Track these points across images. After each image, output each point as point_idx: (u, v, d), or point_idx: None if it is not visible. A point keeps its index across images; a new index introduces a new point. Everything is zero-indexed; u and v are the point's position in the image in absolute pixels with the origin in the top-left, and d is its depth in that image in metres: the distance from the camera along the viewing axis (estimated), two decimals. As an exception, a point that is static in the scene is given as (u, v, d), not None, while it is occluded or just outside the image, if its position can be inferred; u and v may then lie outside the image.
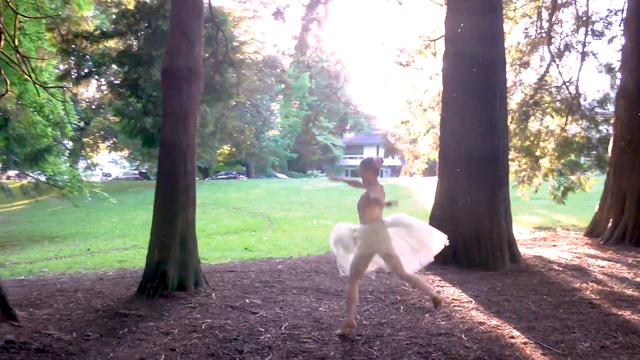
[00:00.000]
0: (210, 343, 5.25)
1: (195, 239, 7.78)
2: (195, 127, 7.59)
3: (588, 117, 16.12)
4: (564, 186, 16.80)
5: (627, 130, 12.61)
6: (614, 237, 12.24)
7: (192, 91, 7.50)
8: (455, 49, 9.99)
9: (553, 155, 16.48)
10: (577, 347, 5.10)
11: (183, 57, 7.54)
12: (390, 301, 7.04)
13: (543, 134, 15.93)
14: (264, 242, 14.62)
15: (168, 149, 7.46)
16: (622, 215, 12.39)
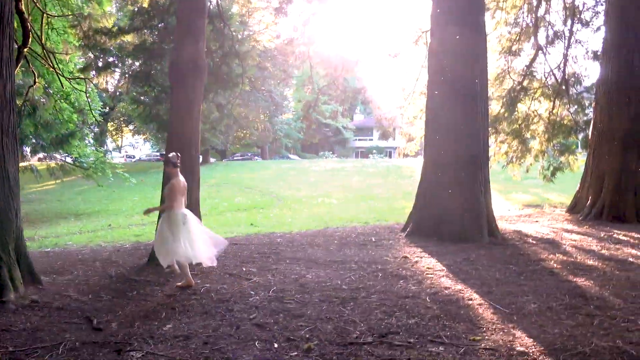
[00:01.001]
0: (206, 303, 5.80)
1: (200, 215, 8.30)
2: (199, 115, 8.09)
3: (575, 101, 16.40)
4: (553, 166, 17.12)
5: (606, 115, 12.91)
6: (592, 214, 12.62)
7: (196, 83, 8.00)
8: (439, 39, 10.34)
9: (543, 137, 16.80)
10: (525, 308, 5.57)
11: (188, 51, 8.02)
12: (372, 270, 7.52)
13: (532, 118, 16.23)
14: (270, 218, 15.14)
15: (175, 135, 7.98)
16: (601, 194, 12.76)
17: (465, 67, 10.00)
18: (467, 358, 4.19)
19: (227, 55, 11.11)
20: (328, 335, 4.74)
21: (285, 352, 4.33)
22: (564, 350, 4.33)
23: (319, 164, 35.45)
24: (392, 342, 4.53)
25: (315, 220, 14.26)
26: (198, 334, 4.78)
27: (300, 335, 4.73)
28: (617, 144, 12.64)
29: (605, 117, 12.90)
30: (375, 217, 14.62)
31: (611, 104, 12.77)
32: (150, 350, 4.38)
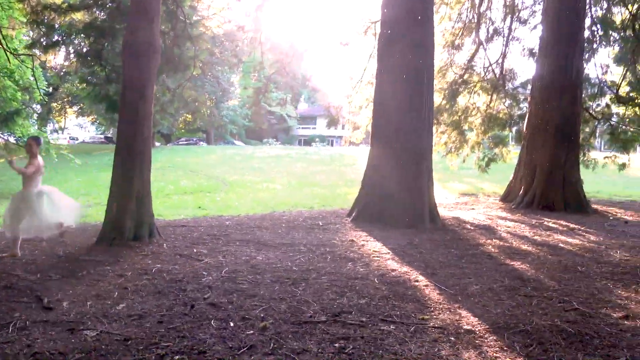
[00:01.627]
0: (158, 283, 5.66)
1: (150, 196, 8.10)
2: (152, 96, 7.85)
3: (511, 95, 16.88)
4: (487, 157, 17.60)
5: (540, 110, 13.34)
6: (524, 202, 13.06)
7: (150, 64, 7.74)
8: (388, 31, 10.39)
9: (479, 129, 17.23)
10: (468, 289, 5.71)
11: (142, 32, 7.73)
12: (320, 252, 7.52)
13: (471, 111, 16.60)
14: (217, 202, 14.91)
15: (127, 116, 7.72)
16: (532, 184, 13.20)
17: (414, 58, 10.08)
18: (417, 336, 4.25)
19: (179, 37, 10.82)
20: (282, 314, 4.71)
21: (241, 331, 4.27)
22: (507, 328, 4.45)
23: (264, 150, 35.21)
24: (345, 321, 4.54)
25: (261, 204, 14.15)
26: (152, 313, 4.66)
27: (255, 314, 4.68)
28: (549, 138, 13.09)
29: (540, 111, 13.32)
30: (319, 202, 14.64)
31: (545, 99, 13.20)
32: (104, 330, 4.24)
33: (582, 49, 13.52)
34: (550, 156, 12.99)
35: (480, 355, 3.91)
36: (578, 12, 13.08)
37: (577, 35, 13.09)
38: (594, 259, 7.49)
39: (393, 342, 4.10)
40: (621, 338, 4.29)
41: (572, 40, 13.03)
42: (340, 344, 4.04)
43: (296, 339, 4.14)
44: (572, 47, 13.02)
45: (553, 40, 13.23)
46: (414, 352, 3.91)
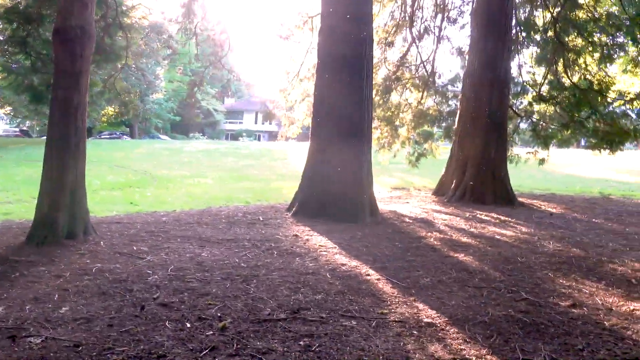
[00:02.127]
0: (101, 284, 5.31)
1: (85, 190, 7.63)
2: (87, 85, 7.39)
3: (440, 93, 17.27)
4: (417, 152, 17.96)
5: (470, 106, 13.70)
6: (456, 196, 13.38)
7: (84, 51, 7.26)
8: (329, 26, 10.31)
9: (410, 125, 17.54)
10: (419, 282, 5.73)
11: (76, 17, 7.24)
12: (266, 248, 7.35)
13: (403, 106, 16.86)
14: (148, 197, 14.40)
15: (60, 106, 7.21)
16: (464, 178, 13.55)
17: (353, 52, 10.06)
18: (380, 331, 4.19)
19: (111, 26, 10.28)
20: (239, 313, 4.53)
21: (200, 332, 4.06)
22: (465, 320, 4.47)
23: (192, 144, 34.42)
24: (306, 318, 4.42)
25: (195, 199, 13.78)
26: (100, 316, 4.35)
27: (211, 313, 4.47)
28: (479, 134, 13.47)
29: (470, 108, 13.68)
30: (254, 197, 14.42)
31: (475, 96, 13.56)
32: (49, 335, 3.90)
33: (510, 48, 13.99)
34: (481, 151, 13.36)
35: (445, 349, 3.89)
36: (506, 14, 13.50)
37: (504, 35, 13.52)
38: (530, 249, 7.73)
39: (358, 338, 4.02)
40: (573, 326, 4.40)
41: (500, 40, 13.44)
42: (305, 342, 3.91)
43: (258, 338, 3.98)
44: (501, 46, 13.44)
45: (482, 40, 13.61)
46: (380, 348, 3.84)
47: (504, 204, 12.98)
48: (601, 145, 15.72)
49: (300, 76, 15.02)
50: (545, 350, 3.85)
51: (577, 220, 10.94)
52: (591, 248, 7.93)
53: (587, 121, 15.76)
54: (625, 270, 6.55)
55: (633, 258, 7.25)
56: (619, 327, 4.39)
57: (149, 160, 25.02)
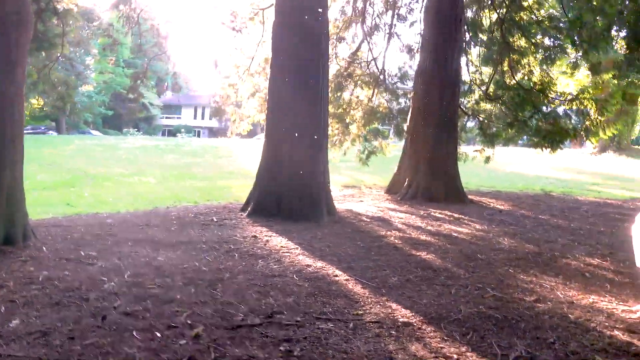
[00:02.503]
0: (52, 293, 5.00)
1: (23, 192, 7.21)
2: (24, 75, 6.97)
3: (391, 90, 17.42)
4: (368, 150, 18.03)
5: (422, 104, 13.85)
6: (409, 194, 13.50)
7: (20, 38, 6.83)
8: (284, 19, 10.18)
9: (360, 123, 17.61)
10: (388, 281, 5.72)
11: (10, 2, 6.82)
12: (225, 250, 7.18)
13: (354, 104, 16.90)
14: (85, 197, 13.87)
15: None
16: (416, 176, 13.69)
17: (309, 47, 9.97)
18: (359, 333, 4.14)
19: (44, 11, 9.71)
20: (211, 319, 4.37)
21: (172, 341, 3.89)
22: (440, 318, 4.49)
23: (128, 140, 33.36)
24: (281, 322, 4.32)
25: (139, 199, 13.36)
26: (57, 329, 4.08)
27: (181, 321, 4.30)
28: (431, 132, 13.63)
29: (422, 106, 13.83)
30: (202, 196, 14.11)
31: (427, 95, 13.71)
32: (3, 352, 3.63)
33: (461, 47, 14.24)
34: (433, 149, 13.53)
35: (426, 348, 3.88)
36: (457, 13, 13.71)
37: (456, 34, 13.73)
38: (488, 246, 7.87)
39: (338, 341, 3.95)
40: (542, 320, 4.51)
41: (451, 38, 13.64)
42: (285, 347, 3.82)
43: (236, 345, 3.85)
44: (452, 45, 13.64)
45: (434, 38, 13.77)
46: (362, 349, 3.79)
47: (456, 201, 13.19)
48: (543, 143, 16.21)
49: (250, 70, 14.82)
50: (521, 346, 3.91)
51: (525, 217, 11.24)
52: (543, 244, 8.16)
53: (530, 120, 16.25)
54: (578, 264, 6.77)
55: (583, 253, 7.52)
56: (583, 320, 4.53)
57: (82, 158, 24.06)
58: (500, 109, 17.04)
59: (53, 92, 12.95)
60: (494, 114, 17.52)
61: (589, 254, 7.42)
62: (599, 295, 5.29)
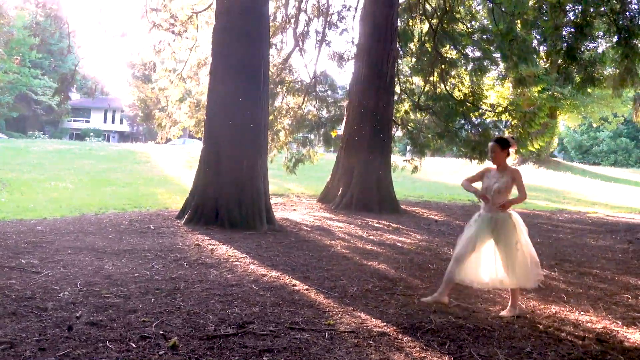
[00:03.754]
0: (5, 302, 4.81)
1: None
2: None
3: (321, 98, 17.71)
4: (295, 158, 18.21)
5: (357, 113, 14.22)
6: (343, 203, 13.79)
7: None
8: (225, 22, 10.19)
9: (288, 130, 17.77)
10: (348, 291, 5.88)
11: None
12: (172, 259, 7.10)
13: (284, 111, 17.05)
14: (3, 203, 13.21)
15: None
16: (350, 185, 14.01)
17: (250, 51, 10.04)
18: (337, 343, 4.26)
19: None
20: (182, 329, 4.36)
21: (150, 352, 3.85)
22: (414, 328, 4.68)
23: (38, 144, 31.82)
24: (255, 332, 4.36)
25: (61, 205, 12.86)
26: (24, 340, 3.95)
27: (152, 331, 4.25)
28: (365, 141, 14.01)
29: (357, 115, 14.21)
30: (128, 203, 13.77)
31: (362, 103, 14.11)
32: (-28, 365, 3.50)
33: (395, 57, 14.75)
34: (366, 158, 13.91)
35: (408, 357, 4.06)
36: (391, 22, 14.22)
37: (390, 43, 14.23)
38: (435, 256, 8.24)
39: (319, 351, 4.05)
40: (512, 330, 4.79)
41: (385, 48, 14.12)
42: (267, 357, 3.88)
43: (216, 355, 3.87)
44: (386, 54, 14.12)
45: (369, 47, 14.21)
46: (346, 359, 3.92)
47: (390, 211, 13.61)
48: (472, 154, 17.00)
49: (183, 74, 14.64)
50: (501, 355, 4.16)
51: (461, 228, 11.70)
52: (487, 254, 8.60)
53: (459, 131, 17.03)
54: (528, 274, 7.21)
55: (528, 263, 7.99)
56: (553, 330, 4.86)
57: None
58: (431, 119, 17.75)
59: None
60: (424, 124, 18.19)
61: (534, 263, 7.91)
62: (559, 306, 5.68)
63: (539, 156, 35.34)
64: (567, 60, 13.43)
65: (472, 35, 16.67)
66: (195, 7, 13.90)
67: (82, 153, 28.35)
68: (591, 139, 58.68)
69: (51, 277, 5.80)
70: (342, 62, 17.89)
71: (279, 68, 16.39)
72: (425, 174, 26.07)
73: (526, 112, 15.44)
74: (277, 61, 16.57)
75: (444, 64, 16.84)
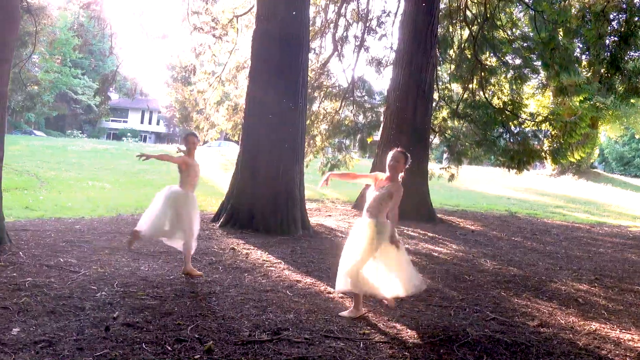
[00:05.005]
0: (45, 301, 4.92)
1: (1, 194, 7.07)
2: (9, 74, 6.85)
3: (358, 104, 17.70)
4: (331, 163, 18.22)
5: (395, 119, 14.15)
6: (378, 210, 13.69)
7: (6, 36, 6.73)
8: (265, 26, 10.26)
9: (325, 135, 17.80)
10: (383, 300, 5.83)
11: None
12: (207, 262, 7.18)
13: (321, 116, 17.09)
14: (42, 201, 13.51)
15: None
16: (386, 192, 13.91)
17: (289, 55, 10.09)
18: (372, 352, 4.24)
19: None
20: (218, 333, 4.39)
21: (185, 355, 3.89)
22: (450, 341, 4.63)
23: (77, 143, 32.59)
24: (290, 339, 4.38)
25: (99, 205, 13.09)
26: (62, 339, 4.04)
27: (188, 335, 4.30)
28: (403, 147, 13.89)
29: (395, 120, 14.13)
30: (164, 204, 13.92)
31: (400, 110, 14.02)
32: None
33: (435, 63, 14.64)
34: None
35: (444, 370, 4.02)
36: (432, 29, 14.12)
37: (430, 50, 14.13)
38: (472, 267, 8.13)
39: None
40: (551, 346, 4.70)
41: (425, 54, 14.03)
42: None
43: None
44: (425, 61, 14.02)
45: (409, 53, 14.12)
46: (382, 370, 3.90)
47: (426, 219, 13.50)
48: (511, 164, 16.76)
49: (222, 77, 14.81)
50: (539, 371, 4.09)
51: (498, 239, 11.62)
52: (525, 267, 8.48)
53: (498, 140, 16.82)
54: (568, 289, 7.08)
55: (568, 278, 7.85)
56: (592, 347, 4.75)
57: (31, 160, 23.37)
58: (469, 127, 17.56)
59: (22, 92, 12.58)
60: (461, 132, 18.01)
61: (575, 279, 7.76)
62: (599, 323, 5.55)
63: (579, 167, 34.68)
64: (610, 70, 13.16)
65: (513, 43, 16.44)
66: (236, 11, 14.05)
67: (119, 153, 28.88)
68: (633, 150, 57.17)
69: (88, 277, 5.91)
70: (380, 67, 17.91)
71: (317, 72, 16.45)
72: (462, 182, 25.80)
73: (567, 122, 15.16)
74: (316, 66, 16.62)
75: (484, 72, 16.65)
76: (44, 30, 10.75)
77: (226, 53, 14.72)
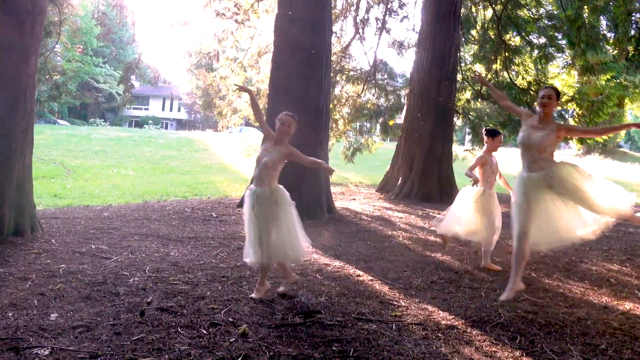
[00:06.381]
0: (79, 287, 5.02)
1: (32, 182, 7.18)
2: (36, 65, 6.92)
3: (380, 87, 17.58)
4: (353, 147, 18.17)
5: (418, 101, 14.05)
6: (402, 193, 13.68)
7: (35, 26, 6.79)
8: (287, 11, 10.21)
9: (347, 119, 17.74)
10: (413, 283, 5.84)
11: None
12: (235, 246, 7.23)
13: (343, 99, 17.02)
14: (69, 189, 13.72)
15: (6, 86, 6.70)
16: (410, 174, 13.88)
17: (312, 39, 10.04)
18: (404, 334, 4.24)
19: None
20: (251, 317, 4.44)
21: (221, 339, 3.94)
22: (482, 322, 4.61)
23: (100, 131, 32.96)
24: (323, 322, 4.39)
25: (125, 192, 13.28)
26: (99, 324, 4.11)
27: (222, 318, 4.35)
28: (426, 130, 13.83)
29: (418, 104, 14.02)
30: (189, 191, 14.08)
31: (423, 92, 13.92)
32: (55, 346, 3.64)
33: (458, 45, 14.47)
34: (428, 148, 13.74)
35: (478, 351, 4.00)
36: (455, 11, 13.94)
37: (453, 31, 13.96)
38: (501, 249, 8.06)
39: (388, 342, 4.05)
40: (586, 326, 4.65)
41: (449, 35, 13.87)
42: (337, 347, 3.90)
43: (286, 344, 3.92)
44: (449, 42, 13.87)
45: (432, 34, 13.97)
46: (416, 352, 3.89)
47: (451, 202, 13.34)
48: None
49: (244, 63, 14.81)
50: (575, 352, 4.05)
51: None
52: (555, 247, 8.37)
53: (523, 120, 16.60)
54: (599, 270, 7.00)
55: (599, 258, 7.76)
56: (627, 327, 4.68)
57: (57, 148, 23.72)
58: (492, 107, 17.37)
59: (49, 81, 12.71)
60: (485, 113, 17.82)
61: (605, 259, 7.67)
62: (633, 302, 5.48)
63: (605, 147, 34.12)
64: (638, 48, 12.87)
65: (537, 21, 16.16)
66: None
67: (142, 140, 29.15)
68: (661, 129, 56.14)
69: (120, 263, 6.00)
70: (402, 49, 17.72)
71: (339, 56, 16.35)
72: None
73: (593, 101, 14.92)
74: (337, 49, 16.50)
75: (508, 52, 16.43)
76: (67, 20, 10.79)
77: (248, 38, 14.69)
